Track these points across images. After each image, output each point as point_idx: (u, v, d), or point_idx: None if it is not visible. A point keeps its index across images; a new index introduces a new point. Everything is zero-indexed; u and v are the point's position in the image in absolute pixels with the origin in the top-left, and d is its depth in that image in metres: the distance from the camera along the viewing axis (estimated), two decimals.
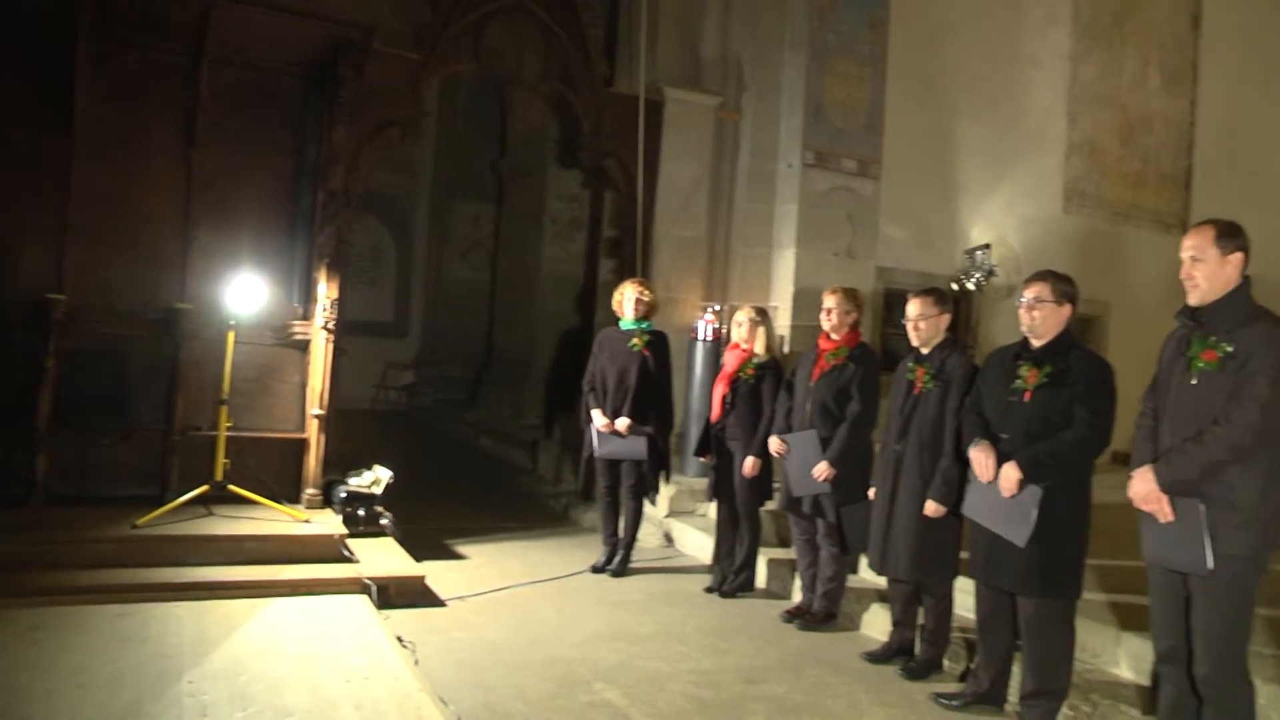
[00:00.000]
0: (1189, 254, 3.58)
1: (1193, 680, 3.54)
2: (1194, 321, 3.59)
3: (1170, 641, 3.62)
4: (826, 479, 5.47)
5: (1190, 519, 3.44)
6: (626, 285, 6.80)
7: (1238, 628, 3.48)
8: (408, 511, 6.86)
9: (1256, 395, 3.35)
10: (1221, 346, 3.44)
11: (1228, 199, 11.90)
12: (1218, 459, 3.39)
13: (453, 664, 4.71)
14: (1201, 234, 3.59)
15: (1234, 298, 3.53)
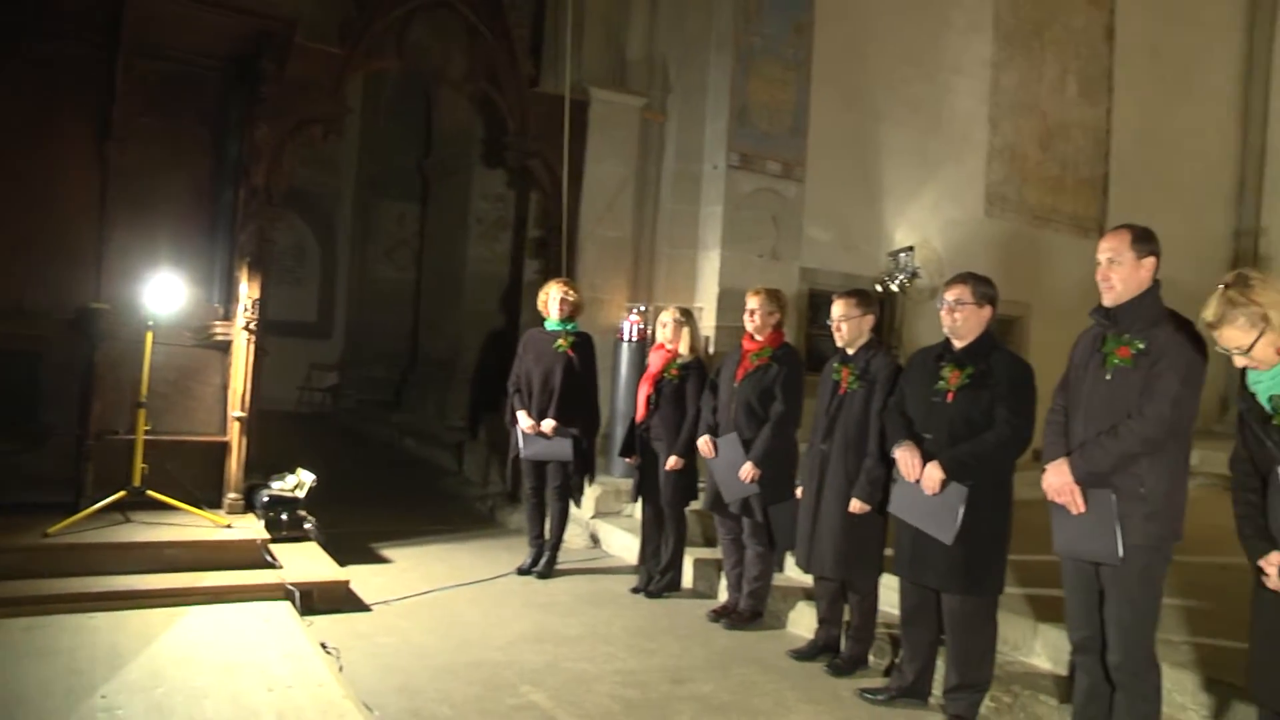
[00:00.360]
0: (1106, 256, 3.68)
1: (1106, 668, 3.64)
2: (1108, 320, 3.69)
3: (1085, 632, 3.72)
4: (753, 479, 5.50)
5: (1102, 510, 3.54)
6: (551, 285, 6.77)
7: (1147, 616, 3.59)
8: (332, 515, 6.77)
9: (1168, 390, 3.46)
10: (1135, 344, 3.55)
11: (1142, 204, 12.29)
12: (1131, 451, 3.50)
13: (378, 669, 4.64)
14: (1118, 237, 3.69)
15: (1146, 299, 3.63)
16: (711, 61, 8.67)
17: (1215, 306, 3.13)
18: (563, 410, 6.51)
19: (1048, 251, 11.48)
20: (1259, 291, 3.07)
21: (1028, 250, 11.25)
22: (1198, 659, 4.31)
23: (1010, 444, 4.17)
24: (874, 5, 9.95)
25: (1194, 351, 3.52)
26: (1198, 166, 13.45)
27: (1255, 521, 3.18)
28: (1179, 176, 13.04)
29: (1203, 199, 13.57)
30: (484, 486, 9.37)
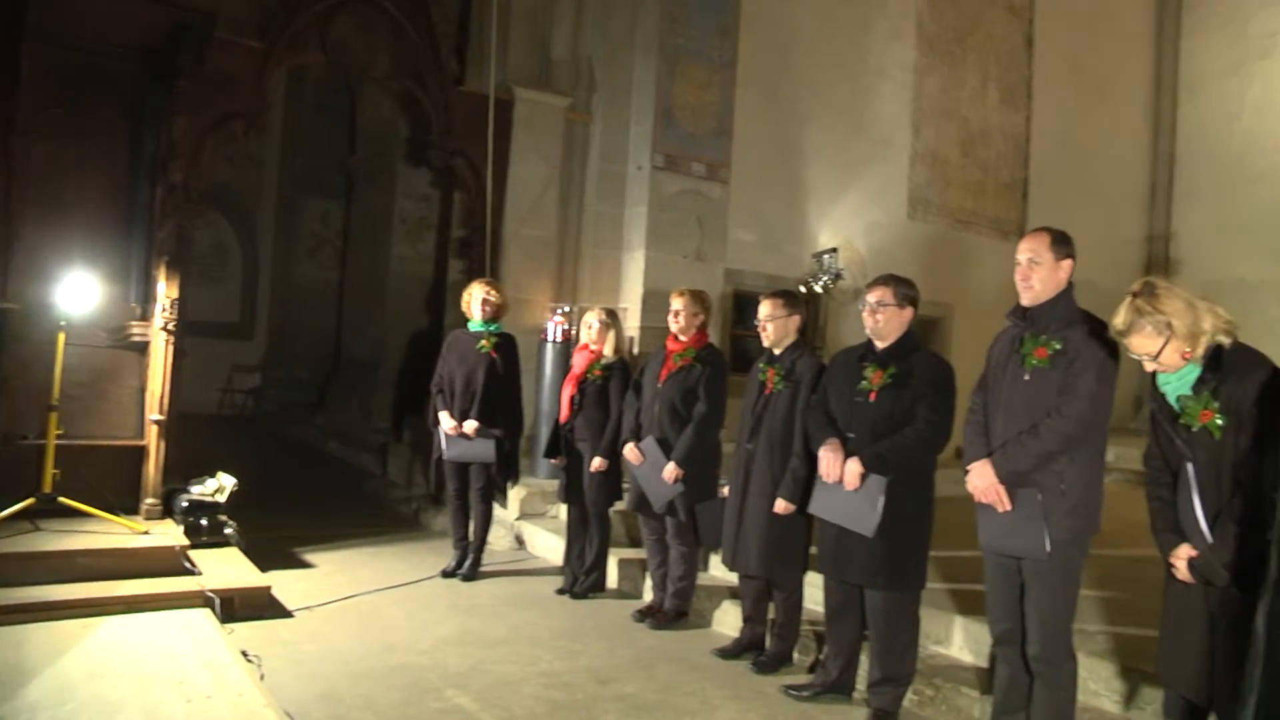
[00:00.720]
0: (1026, 257, 3.76)
1: (1025, 659, 3.73)
2: (1025, 322, 3.77)
3: (1006, 625, 3.80)
4: (677, 479, 5.52)
5: (1029, 508, 3.62)
6: (475, 286, 6.73)
7: (1065, 608, 3.68)
8: (254, 520, 6.65)
9: (1085, 389, 3.56)
10: (1052, 345, 3.63)
11: (1060, 208, 12.62)
12: (1051, 450, 3.58)
13: (300, 677, 4.56)
14: (1038, 239, 3.79)
15: (1061, 300, 3.73)
16: (637, 63, 8.70)
17: (1124, 315, 3.23)
18: (485, 411, 6.47)
19: (970, 253, 11.71)
20: (1164, 300, 3.16)
21: (950, 252, 11.45)
22: (1111, 648, 4.43)
23: (931, 441, 4.24)
24: (799, 10, 10.06)
25: (1108, 351, 3.62)
26: (1112, 172, 13.86)
27: (1166, 516, 3.28)
28: (1095, 182, 13.44)
29: (1117, 204, 13.98)
30: (408, 489, 9.28)
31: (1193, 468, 3.16)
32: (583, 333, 6.47)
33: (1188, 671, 3.22)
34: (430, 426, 6.72)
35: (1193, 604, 3.21)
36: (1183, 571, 3.18)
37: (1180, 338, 3.14)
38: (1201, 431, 3.13)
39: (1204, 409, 3.12)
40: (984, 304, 11.39)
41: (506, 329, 6.81)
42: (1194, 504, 3.16)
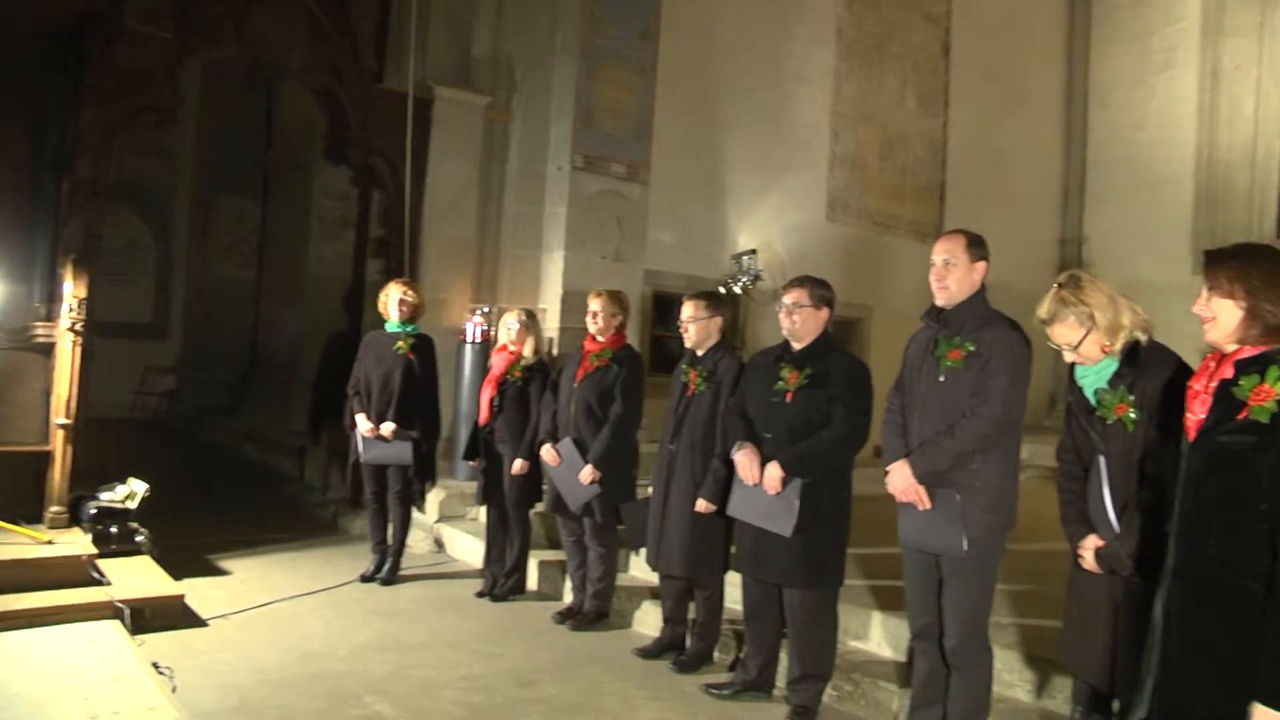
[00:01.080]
0: (942, 258, 3.83)
1: (943, 652, 3.79)
2: (939, 324, 3.83)
3: (924, 620, 3.86)
4: (593, 481, 5.52)
5: (948, 507, 3.68)
6: (391, 286, 6.66)
7: (982, 602, 3.76)
8: (167, 526, 6.49)
9: (999, 389, 3.63)
10: (966, 346, 3.69)
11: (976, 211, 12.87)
12: (967, 449, 3.65)
13: (215, 687, 4.46)
14: (954, 241, 3.86)
15: (974, 302, 3.80)
16: (557, 63, 8.68)
17: (1048, 305, 3.34)
18: (403, 413, 6.40)
19: (888, 256, 11.89)
20: (1088, 293, 3.27)
21: (868, 254, 11.61)
22: (1024, 639, 4.55)
23: (847, 441, 4.29)
24: (720, 14, 10.12)
25: (1021, 351, 3.70)
26: (1027, 177, 14.20)
27: (1076, 507, 3.40)
28: (1010, 186, 13.75)
29: (1031, 208, 14.32)
30: (326, 493, 9.14)
31: (1104, 460, 3.26)
32: (501, 334, 6.43)
33: (1092, 658, 3.33)
34: (347, 429, 6.63)
35: (1097, 593, 3.31)
36: (1089, 561, 3.28)
37: (1101, 330, 3.24)
38: (1116, 424, 3.23)
39: (1119, 402, 3.21)
40: (902, 305, 11.55)
41: (424, 330, 6.75)
42: (1104, 495, 3.25)
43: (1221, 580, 2.43)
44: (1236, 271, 2.52)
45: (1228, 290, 2.53)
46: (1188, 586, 2.51)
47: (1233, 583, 2.40)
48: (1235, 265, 2.54)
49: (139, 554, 6.08)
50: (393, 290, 6.60)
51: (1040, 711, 4.23)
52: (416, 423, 6.46)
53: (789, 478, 4.23)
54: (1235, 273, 2.52)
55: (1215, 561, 2.44)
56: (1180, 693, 2.50)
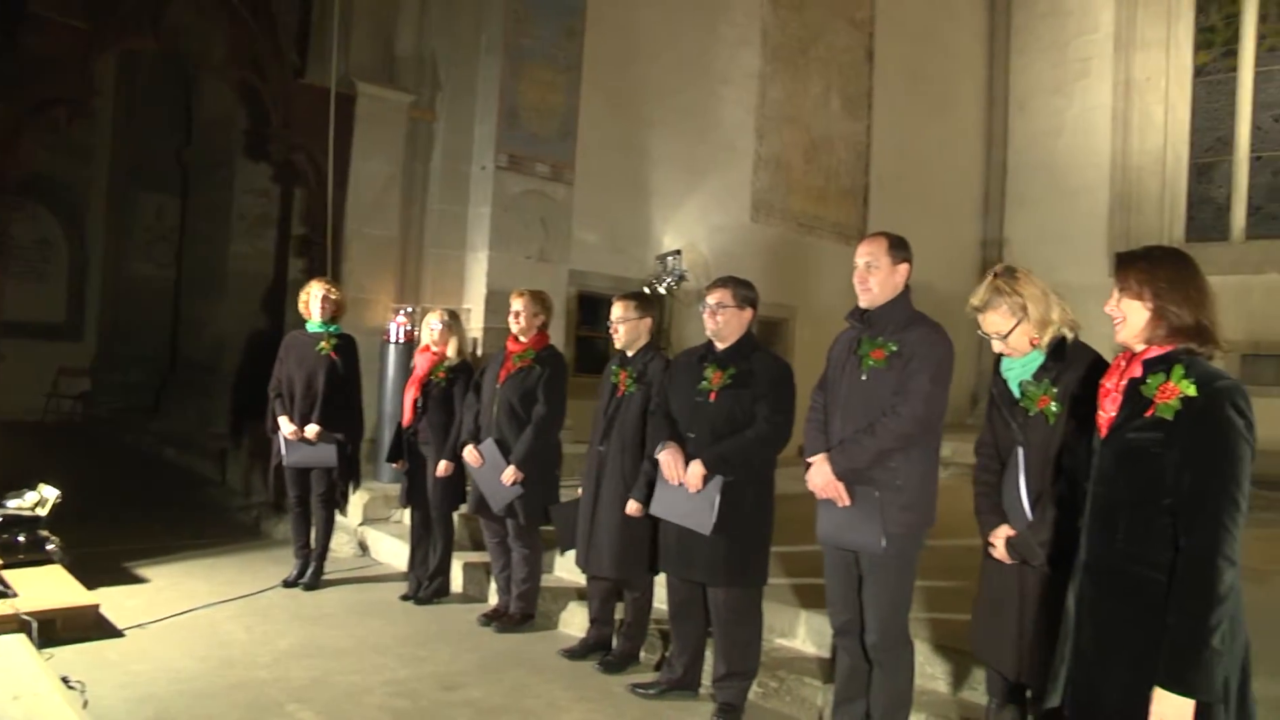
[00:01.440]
0: (864, 260, 3.86)
1: (865, 648, 3.84)
2: (863, 324, 3.88)
3: (845, 616, 3.90)
4: (516, 482, 5.50)
5: (866, 504, 3.72)
6: (313, 285, 6.55)
7: (902, 598, 3.81)
8: (81, 534, 6.29)
9: (920, 389, 3.68)
10: (888, 346, 3.74)
11: (899, 214, 13.11)
12: (887, 447, 3.69)
13: (130, 700, 4.35)
14: (876, 243, 3.90)
15: (898, 303, 3.85)
16: (481, 62, 8.62)
17: (983, 293, 3.39)
18: (327, 415, 6.31)
19: (812, 257, 12.03)
20: (1023, 284, 3.35)
21: (793, 256, 11.73)
22: (944, 633, 4.61)
23: (770, 441, 4.31)
24: (645, 15, 10.15)
25: (943, 351, 3.77)
26: (949, 181, 14.48)
27: (990, 499, 3.46)
28: (933, 189, 14.02)
29: (953, 210, 14.62)
30: (248, 496, 8.97)
31: (1023, 451, 3.33)
32: (424, 334, 6.37)
33: (1002, 648, 3.40)
34: (269, 432, 6.51)
35: (1007, 583, 3.38)
36: (1000, 551, 3.34)
37: (1031, 323, 3.31)
38: (1038, 416, 3.29)
39: (1043, 394, 3.28)
40: (826, 307, 11.72)
41: (347, 329, 6.66)
42: (1020, 486, 3.32)
43: (1129, 572, 2.50)
44: (1145, 274, 2.59)
45: (1136, 292, 2.60)
46: (1098, 578, 2.58)
47: (1139, 574, 2.47)
48: (1144, 268, 2.61)
49: (49, 563, 5.84)
50: (314, 289, 6.49)
51: (960, 703, 4.30)
52: (340, 424, 6.38)
53: (710, 476, 4.25)
54: (1143, 275, 2.59)
55: (1123, 554, 2.51)
56: (1091, 682, 2.57)
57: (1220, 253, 13.44)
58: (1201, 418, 2.41)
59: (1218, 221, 13.82)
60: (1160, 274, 2.57)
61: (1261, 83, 13.51)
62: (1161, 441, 2.44)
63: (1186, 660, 2.33)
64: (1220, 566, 2.33)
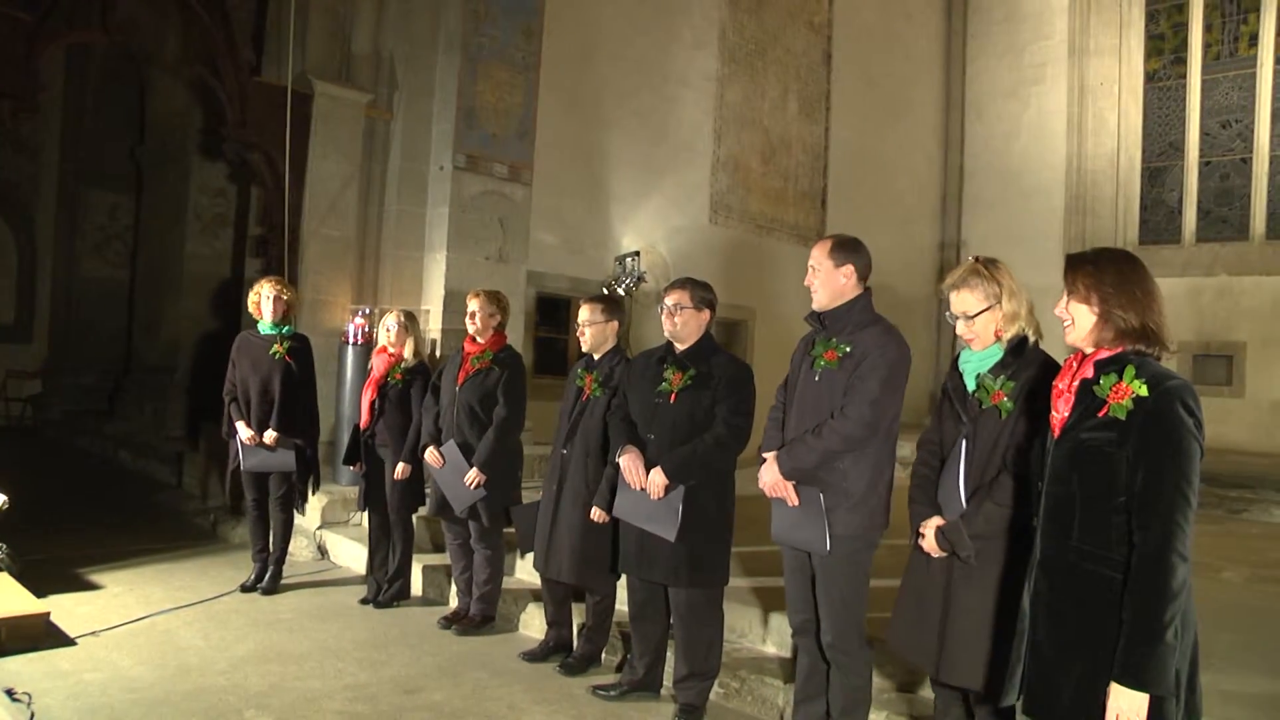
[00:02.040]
0: (811, 264, 3.91)
1: (821, 647, 3.85)
2: (819, 325, 3.91)
3: (803, 616, 3.92)
4: (478, 485, 5.47)
5: (812, 506, 3.73)
6: (264, 285, 6.40)
7: (854, 599, 3.81)
8: (32, 541, 6.24)
9: (869, 392, 3.69)
10: (841, 347, 3.76)
11: (857, 216, 13.25)
12: (834, 449, 3.70)
13: (82, 710, 4.26)
14: (819, 246, 3.94)
15: (855, 305, 3.86)
16: (439, 61, 8.58)
17: (961, 272, 3.42)
18: (284, 420, 6.20)
19: (771, 258, 12.08)
20: (1003, 274, 3.37)
21: (751, 257, 11.79)
22: None
23: (729, 443, 4.31)
24: (604, 15, 10.16)
25: (896, 354, 3.77)
26: (906, 183, 14.63)
27: (926, 490, 3.46)
28: (890, 192, 14.15)
29: (911, 213, 14.77)
30: (205, 500, 8.89)
31: (965, 445, 3.33)
32: (380, 335, 6.31)
33: (920, 640, 3.40)
34: (225, 437, 6.41)
35: (933, 577, 3.38)
36: (930, 541, 3.35)
37: (1002, 313, 3.33)
38: (990, 410, 3.30)
39: (999, 389, 3.29)
40: (785, 308, 11.82)
41: (305, 331, 6.58)
42: (959, 476, 3.33)
43: (1084, 570, 2.53)
44: (1091, 278, 2.62)
45: (1083, 295, 2.63)
46: (1053, 576, 2.61)
47: (1094, 572, 2.51)
48: (1090, 271, 2.64)
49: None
50: (265, 288, 6.34)
51: (922, 701, 4.30)
52: (298, 428, 6.29)
53: (672, 485, 4.25)
54: (1090, 279, 2.63)
55: (1077, 552, 2.54)
56: (1047, 679, 2.60)
57: (1172, 255, 13.70)
58: (1153, 417, 2.45)
59: (1169, 224, 14.08)
60: (1106, 278, 2.61)
61: (1208, 89, 13.80)
62: (1115, 441, 2.47)
63: (1142, 656, 2.36)
64: (1174, 563, 2.37)
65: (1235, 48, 13.63)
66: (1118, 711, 2.38)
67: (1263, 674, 4.04)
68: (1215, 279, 13.21)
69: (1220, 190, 13.70)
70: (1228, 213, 13.64)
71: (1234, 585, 5.93)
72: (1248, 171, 13.44)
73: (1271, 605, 5.46)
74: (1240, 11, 13.58)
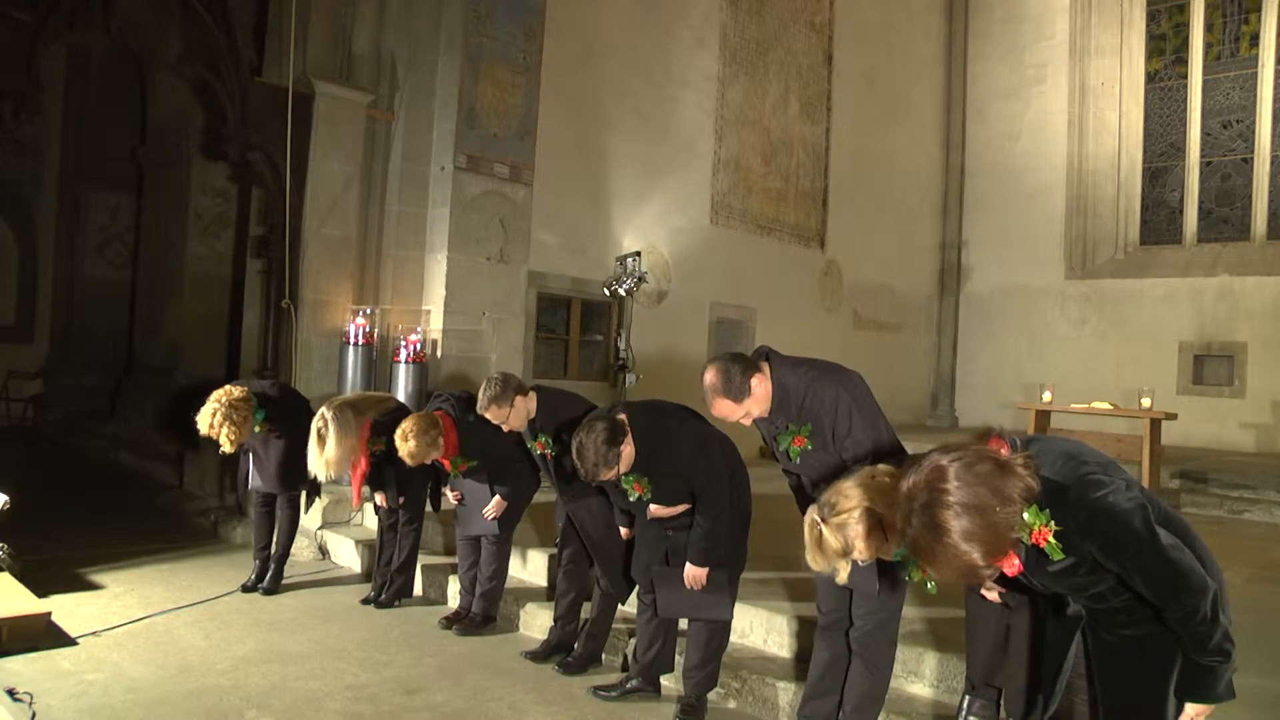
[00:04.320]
0: (736, 419, 3.87)
1: (848, 643, 3.84)
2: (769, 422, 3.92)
3: (835, 613, 3.89)
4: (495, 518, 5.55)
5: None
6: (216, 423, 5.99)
7: (893, 596, 3.79)
8: (33, 541, 6.24)
9: (855, 434, 3.76)
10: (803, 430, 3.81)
11: (858, 217, 13.26)
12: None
13: (83, 710, 4.27)
14: (718, 406, 3.83)
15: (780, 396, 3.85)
16: (440, 61, 8.60)
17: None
18: (284, 478, 6.29)
19: (771, 259, 12.08)
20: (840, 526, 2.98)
21: (752, 257, 11.77)
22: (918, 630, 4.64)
23: (719, 516, 4.28)
24: (605, 16, 10.16)
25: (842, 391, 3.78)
26: (907, 184, 14.63)
27: None
28: (891, 192, 14.15)
29: (913, 213, 14.78)
30: (206, 500, 8.88)
31: None
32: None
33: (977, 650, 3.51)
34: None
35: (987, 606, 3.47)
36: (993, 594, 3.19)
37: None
38: None
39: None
40: (785, 308, 11.83)
41: (305, 331, 6.55)
42: None
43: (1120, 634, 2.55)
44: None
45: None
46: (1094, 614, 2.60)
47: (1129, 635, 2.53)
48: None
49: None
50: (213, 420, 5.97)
51: (931, 701, 4.32)
52: (300, 480, 6.29)
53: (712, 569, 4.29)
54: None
55: (1108, 623, 2.56)
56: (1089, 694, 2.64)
57: (1173, 255, 13.71)
58: (1086, 535, 2.33)
59: (1171, 225, 14.08)
60: None
61: (1209, 90, 13.81)
62: (1084, 571, 2.41)
63: (1211, 688, 2.42)
64: (1205, 614, 2.35)
65: (1236, 48, 13.64)
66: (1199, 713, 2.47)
67: (1263, 674, 4.03)
68: (1216, 279, 13.20)
69: (1221, 190, 13.70)
70: (1229, 213, 13.64)
71: (1234, 585, 5.85)
72: (1249, 172, 13.45)
73: (1272, 605, 5.45)
74: (1241, 12, 13.59)
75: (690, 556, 4.31)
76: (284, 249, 8.05)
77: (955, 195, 15.48)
